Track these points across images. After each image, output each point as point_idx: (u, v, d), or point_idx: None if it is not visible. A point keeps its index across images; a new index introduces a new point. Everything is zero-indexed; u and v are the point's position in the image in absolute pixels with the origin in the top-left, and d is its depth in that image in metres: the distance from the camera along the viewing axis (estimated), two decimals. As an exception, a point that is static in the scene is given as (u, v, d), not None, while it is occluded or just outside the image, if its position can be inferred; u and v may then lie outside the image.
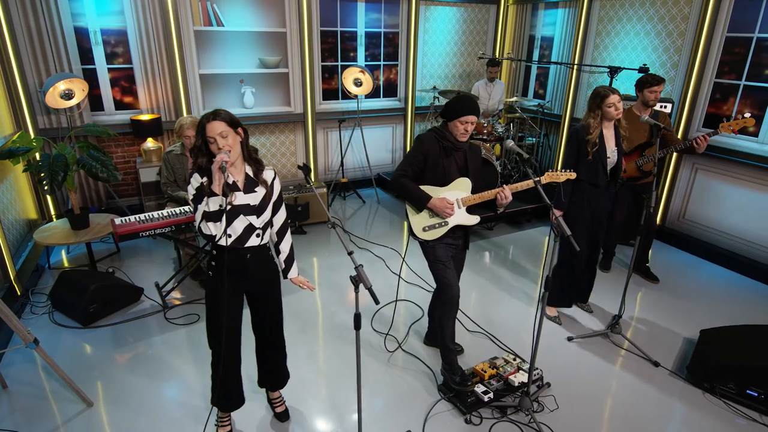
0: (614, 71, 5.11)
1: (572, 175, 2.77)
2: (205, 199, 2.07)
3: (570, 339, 3.39)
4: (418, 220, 2.74)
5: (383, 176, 6.49)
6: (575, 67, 5.83)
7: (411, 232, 2.78)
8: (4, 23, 4.23)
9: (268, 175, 2.24)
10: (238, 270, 2.23)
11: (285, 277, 2.46)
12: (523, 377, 2.84)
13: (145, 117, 4.94)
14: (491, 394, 2.72)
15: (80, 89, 4.44)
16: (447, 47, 6.59)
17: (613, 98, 3.07)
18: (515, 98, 6.19)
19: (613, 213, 4.10)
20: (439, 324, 2.83)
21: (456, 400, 2.74)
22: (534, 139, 6.40)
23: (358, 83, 5.78)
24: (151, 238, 4.71)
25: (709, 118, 4.66)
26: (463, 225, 2.77)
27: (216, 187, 2.03)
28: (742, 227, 4.46)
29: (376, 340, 3.35)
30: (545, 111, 6.17)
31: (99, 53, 4.86)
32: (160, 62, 4.99)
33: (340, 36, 5.99)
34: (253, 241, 2.21)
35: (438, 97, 6.13)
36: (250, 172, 2.20)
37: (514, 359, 3.01)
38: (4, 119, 4.23)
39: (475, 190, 2.73)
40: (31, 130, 4.54)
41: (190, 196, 2.13)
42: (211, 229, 2.10)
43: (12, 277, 3.63)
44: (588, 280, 3.65)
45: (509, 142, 2.69)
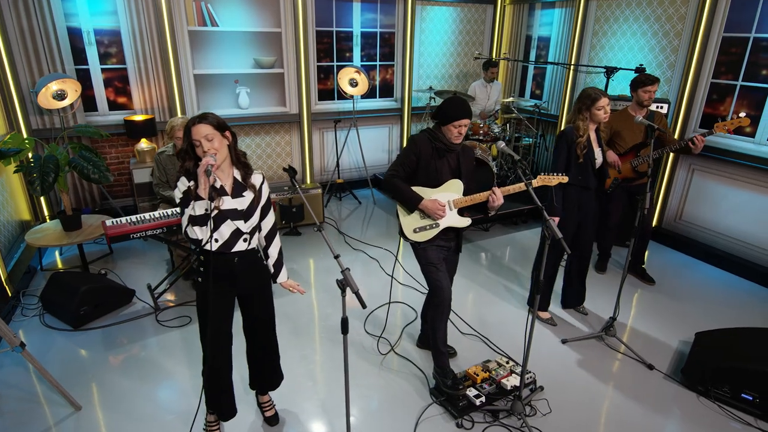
0: (611, 71, 5.10)
1: (564, 179, 2.74)
2: (191, 202, 2.04)
3: (564, 341, 3.36)
4: (409, 222, 2.72)
5: (379, 177, 6.45)
6: (572, 67, 5.81)
7: (401, 234, 2.75)
8: (-5, 23, 4.21)
9: (256, 180, 2.21)
10: (226, 274, 2.20)
11: (275, 281, 2.44)
12: (515, 381, 2.81)
13: (139, 117, 4.92)
14: (483, 398, 2.69)
15: (73, 90, 4.41)
16: (443, 47, 6.56)
17: (603, 101, 3.04)
18: (512, 98, 6.16)
19: (609, 214, 4.09)
20: (431, 327, 2.80)
21: (448, 404, 2.72)
22: (531, 140, 6.38)
23: (354, 83, 5.75)
24: (144, 240, 4.68)
25: (706, 119, 4.63)
26: (454, 227, 2.75)
27: (202, 191, 2.00)
28: (739, 228, 4.43)
29: (369, 343, 3.33)
30: (542, 111, 6.14)
31: (92, 53, 4.83)
32: (154, 63, 4.96)
33: (336, 36, 5.96)
34: (241, 246, 2.18)
35: (434, 98, 6.11)
36: (238, 176, 2.17)
37: (507, 362, 2.99)
38: (-4, 120, 4.21)
39: (467, 192, 2.71)
40: (24, 131, 4.52)
41: (177, 200, 2.10)
42: (197, 233, 2.07)
43: (3, 279, 3.60)
44: (578, 288, 3.64)
45: (500, 144, 2.66)
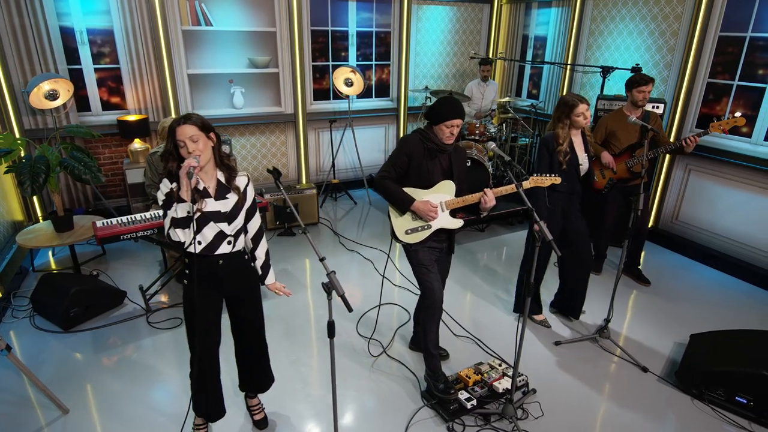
0: (607, 71, 5.07)
1: (557, 180, 2.70)
2: (174, 204, 2.01)
3: (557, 343, 3.34)
4: (401, 223, 2.69)
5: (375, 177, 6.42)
6: (568, 66, 5.78)
7: (393, 235, 2.73)
8: (-13, 23, 4.18)
9: (240, 182, 2.18)
10: (211, 277, 2.18)
11: (262, 283, 2.41)
12: (508, 383, 2.78)
13: (132, 117, 4.89)
14: (474, 401, 2.66)
15: (65, 89, 4.38)
16: (440, 47, 6.53)
17: (582, 107, 3.00)
18: (508, 98, 6.13)
19: (604, 215, 4.06)
20: (423, 329, 2.78)
21: (439, 407, 2.69)
22: (527, 140, 6.35)
23: (349, 83, 5.73)
24: (134, 241, 4.65)
25: (702, 119, 4.60)
26: (446, 229, 2.72)
27: (184, 193, 1.97)
28: (735, 229, 4.40)
29: (361, 345, 3.30)
30: (538, 111, 6.11)
31: (85, 53, 4.80)
32: (147, 62, 4.93)
33: (331, 35, 5.93)
34: (225, 249, 2.15)
35: (430, 98, 6.07)
36: (222, 178, 2.14)
37: (500, 365, 2.96)
38: (-12, 120, 4.19)
39: (459, 194, 2.68)
40: (16, 131, 4.49)
41: (160, 202, 2.07)
42: (180, 235, 2.04)
43: (-7, 281, 3.58)
44: (579, 295, 3.57)
45: (490, 144, 2.64)
